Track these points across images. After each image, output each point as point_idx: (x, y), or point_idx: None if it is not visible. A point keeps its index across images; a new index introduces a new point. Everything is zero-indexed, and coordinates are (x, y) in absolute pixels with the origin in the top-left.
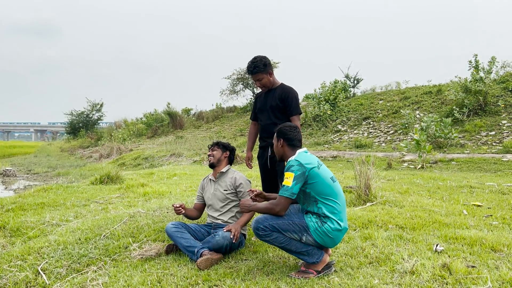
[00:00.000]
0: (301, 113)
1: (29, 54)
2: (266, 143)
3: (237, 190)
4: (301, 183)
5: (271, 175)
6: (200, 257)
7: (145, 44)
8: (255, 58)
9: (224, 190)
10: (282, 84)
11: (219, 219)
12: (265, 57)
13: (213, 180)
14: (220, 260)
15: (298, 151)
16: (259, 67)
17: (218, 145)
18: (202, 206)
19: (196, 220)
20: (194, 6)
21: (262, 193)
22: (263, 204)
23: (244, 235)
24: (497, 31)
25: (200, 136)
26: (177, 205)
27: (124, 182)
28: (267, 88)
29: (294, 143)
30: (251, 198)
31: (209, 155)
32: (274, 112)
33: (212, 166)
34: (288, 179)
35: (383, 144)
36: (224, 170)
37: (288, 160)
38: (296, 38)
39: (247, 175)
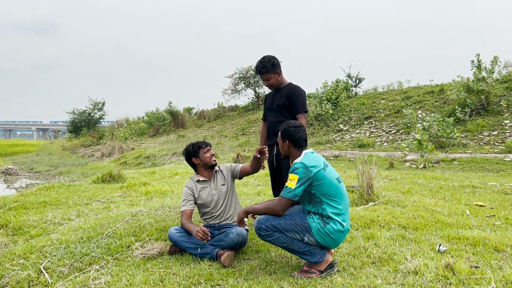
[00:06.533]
0: (307, 111)
1: (30, 52)
2: (272, 141)
3: (232, 170)
4: (305, 186)
5: (278, 172)
6: (216, 256)
7: (146, 42)
8: (263, 58)
9: (222, 184)
10: (289, 83)
11: (222, 218)
12: (273, 57)
13: (206, 180)
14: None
15: (304, 151)
16: (267, 67)
17: (210, 145)
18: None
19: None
20: (195, 2)
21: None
22: (263, 204)
23: (247, 229)
24: (500, 28)
25: (202, 135)
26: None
27: (126, 181)
28: (274, 88)
29: (300, 144)
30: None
31: (212, 155)
32: (280, 111)
33: (214, 166)
34: (292, 181)
35: (385, 144)
36: (217, 168)
37: (294, 162)
38: (298, 36)
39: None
